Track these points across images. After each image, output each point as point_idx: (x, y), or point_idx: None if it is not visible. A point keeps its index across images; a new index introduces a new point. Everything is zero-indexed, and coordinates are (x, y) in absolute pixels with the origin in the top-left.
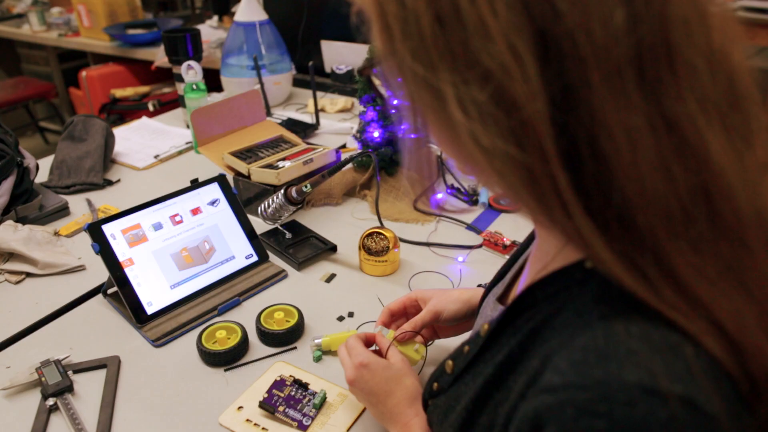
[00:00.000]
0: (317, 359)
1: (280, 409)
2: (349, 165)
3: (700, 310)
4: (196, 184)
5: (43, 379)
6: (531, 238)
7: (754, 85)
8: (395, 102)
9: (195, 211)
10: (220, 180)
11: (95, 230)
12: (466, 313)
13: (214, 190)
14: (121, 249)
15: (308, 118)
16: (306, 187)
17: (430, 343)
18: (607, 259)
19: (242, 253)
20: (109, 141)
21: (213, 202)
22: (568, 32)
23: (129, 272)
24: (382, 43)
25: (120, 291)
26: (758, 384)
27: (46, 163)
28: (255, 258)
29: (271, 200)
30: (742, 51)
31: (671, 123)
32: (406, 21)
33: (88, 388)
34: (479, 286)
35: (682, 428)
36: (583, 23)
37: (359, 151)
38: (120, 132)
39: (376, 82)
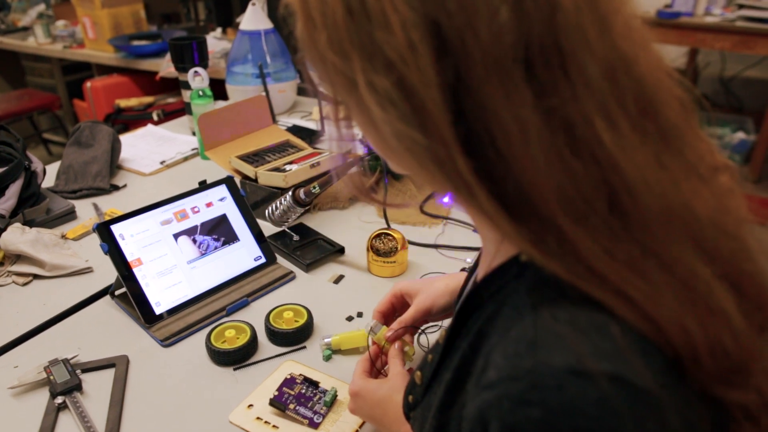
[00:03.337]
0: (327, 358)
1: (291, 406)
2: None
3: (610, 286)
4: (204, 186)
5: (51, 377)
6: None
7: (670, 91)
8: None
9: (208, 205)
10: (228, 182)
11: (104, 230)
12: (455, 303)
13: (222, 192)
14: (130, 249)
15: (313, 125)
16: (315, 188)
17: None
18: (515, 238)
19: (250, 254)
20: (115, 147)
21: (221, 201)
22: (457, 29)
23: (138, 272)
24: (306, 33)
25: (128, 291)
26: (681, 355)
27: (52, 169)
28: (263, 260)
29: (278, 203)
30: (653, 57)
31: (566, 121)
32: (324, 13)
33: (97, 387)
34: (463, 269)
35: (614, 405)
36: (469, 21)
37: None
38: (126, 139)
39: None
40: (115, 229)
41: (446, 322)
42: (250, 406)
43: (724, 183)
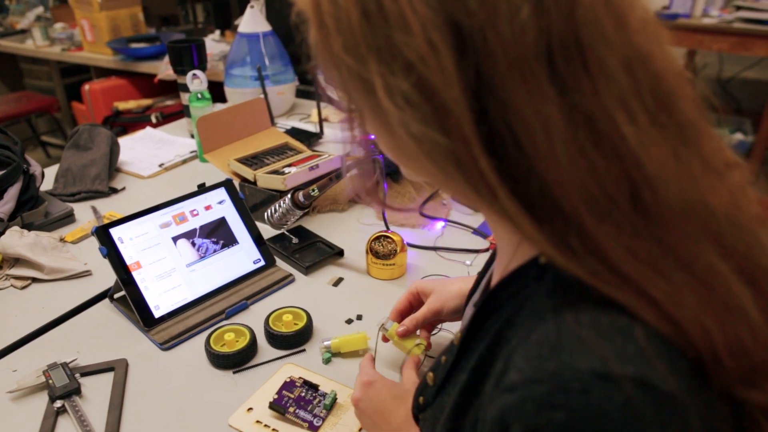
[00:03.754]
0: (326, 361)
1: (291, 410)
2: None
3: (632, 287)
4: (203, 189)
5: (50, 381)
6: (493, 258)
7: (685, 87)
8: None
9: (207, 208)
10: (227, 185)
11: (103, 234)
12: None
13: (221, 195)
14: (128, 252)
15: (312, 128)
16: (314, 190)
17: (435, 332)
18: (536, 239)
19: (250, 257)
20: (114, 149)
21: (220, 204)
22: (479, 28)
23: (136, 276)
24: (320, 39)
25: (127, 294)
26: (703, 357)
27: (51, 172)
28: (262, 263)
29: (277, 205)
30: (667, 53)
31: (588, 116)
32: (338, 18)
33: (96, 391)
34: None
35: (639, 409)
36: (490, 19)
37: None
38: (124, 142)
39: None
40: (114, 232)
41: (448, 325)
42: (250, 409)
43: (737, 180)
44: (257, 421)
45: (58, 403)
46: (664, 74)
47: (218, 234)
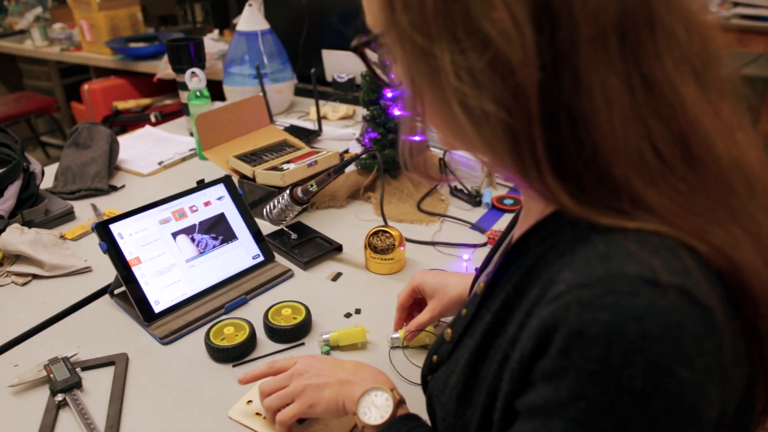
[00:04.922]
0: (325, 354)
1: None
2: (353, 168)
3: (693, 235)
4: (202, 185)
5: (51, 375)
6: (513, 224)
7: (723, 51)
8: (389, 79)
9: (206, 204)
10: (226, 181)
11: (103, 229)
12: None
13: (220, 191)
14: (128, 248)
15: (310, 125)
16: (312, 186)
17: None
18: (575, 211)
19: (249, 253)
20: (113, 147)
21: (219, 200)
22: (566, 2)
23: (136, 271)
24: (383, 15)
25: (127, 290)
26: (758, 302)
27: (51, 171)
28: (261, 258)
29: (276, 201)
30: (712, 20)
31: (648, 82)
32: None
33: (97, 385)
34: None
35: (681, 317)
36: None
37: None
38: (124, 140)
39: (371, 58)
40: (114, 228)
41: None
42: (249, 401)
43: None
44: (257, 413)
45: (59, 397)
46: (711, 38)
47: (217, 230)
